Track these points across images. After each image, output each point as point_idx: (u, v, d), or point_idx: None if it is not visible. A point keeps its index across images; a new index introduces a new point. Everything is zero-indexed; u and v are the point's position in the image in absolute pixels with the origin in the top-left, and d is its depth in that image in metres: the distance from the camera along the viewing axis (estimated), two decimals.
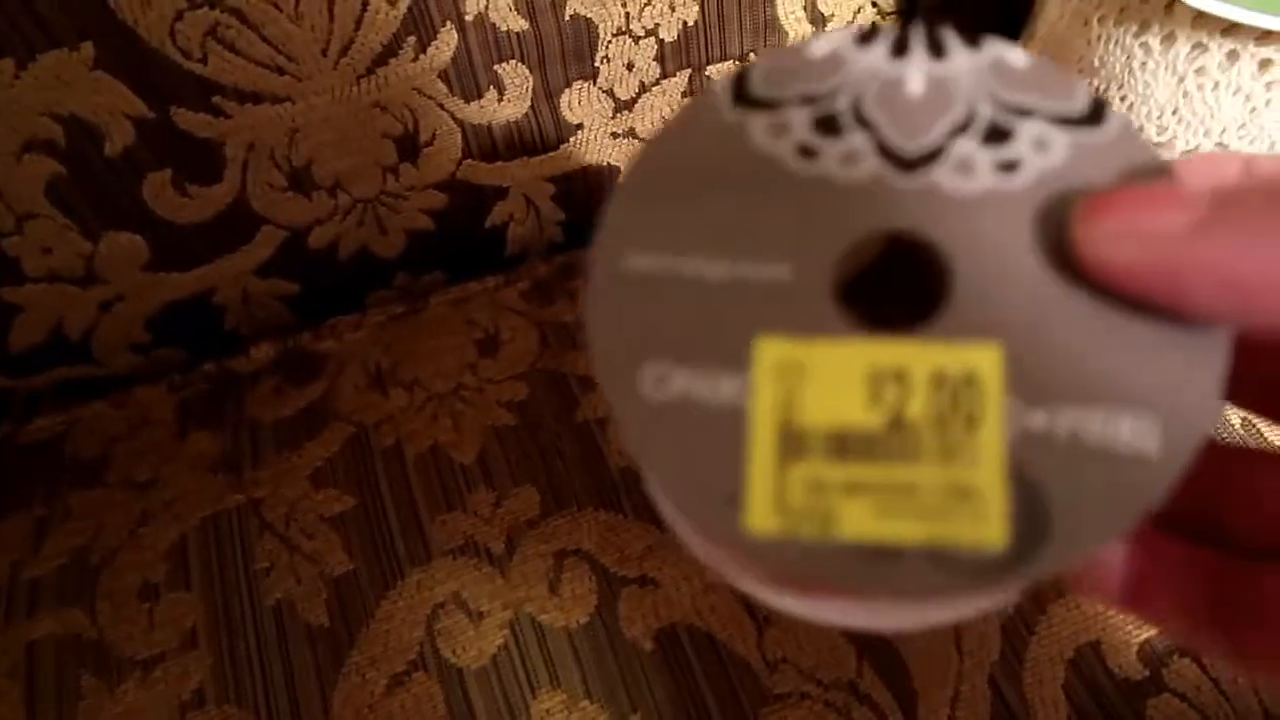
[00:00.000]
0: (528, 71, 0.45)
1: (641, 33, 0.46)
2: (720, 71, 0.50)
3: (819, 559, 0.14)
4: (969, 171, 0.17)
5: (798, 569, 0.14)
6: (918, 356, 0.15)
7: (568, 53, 0.45)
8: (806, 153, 0.17)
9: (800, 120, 0.17)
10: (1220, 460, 0.19)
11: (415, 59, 0.43)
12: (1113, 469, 0.14)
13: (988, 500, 0.14)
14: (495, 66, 0.44)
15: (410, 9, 0.41)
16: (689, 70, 0.49)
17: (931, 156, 0.17)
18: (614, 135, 0.50)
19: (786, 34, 0.50)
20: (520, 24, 0.43)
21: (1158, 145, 0.41)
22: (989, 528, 0.14)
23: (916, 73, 0.17)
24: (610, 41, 0.46)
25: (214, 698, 0.35)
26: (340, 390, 0.44)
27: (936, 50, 0.18)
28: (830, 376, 0.15)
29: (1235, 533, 0.19)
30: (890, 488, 0.15)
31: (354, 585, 0.38)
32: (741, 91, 0.18)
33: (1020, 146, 0.17)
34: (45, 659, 0.37)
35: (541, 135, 0.48)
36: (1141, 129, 0.41)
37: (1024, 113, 0.17)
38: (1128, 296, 0.15)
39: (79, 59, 0.37)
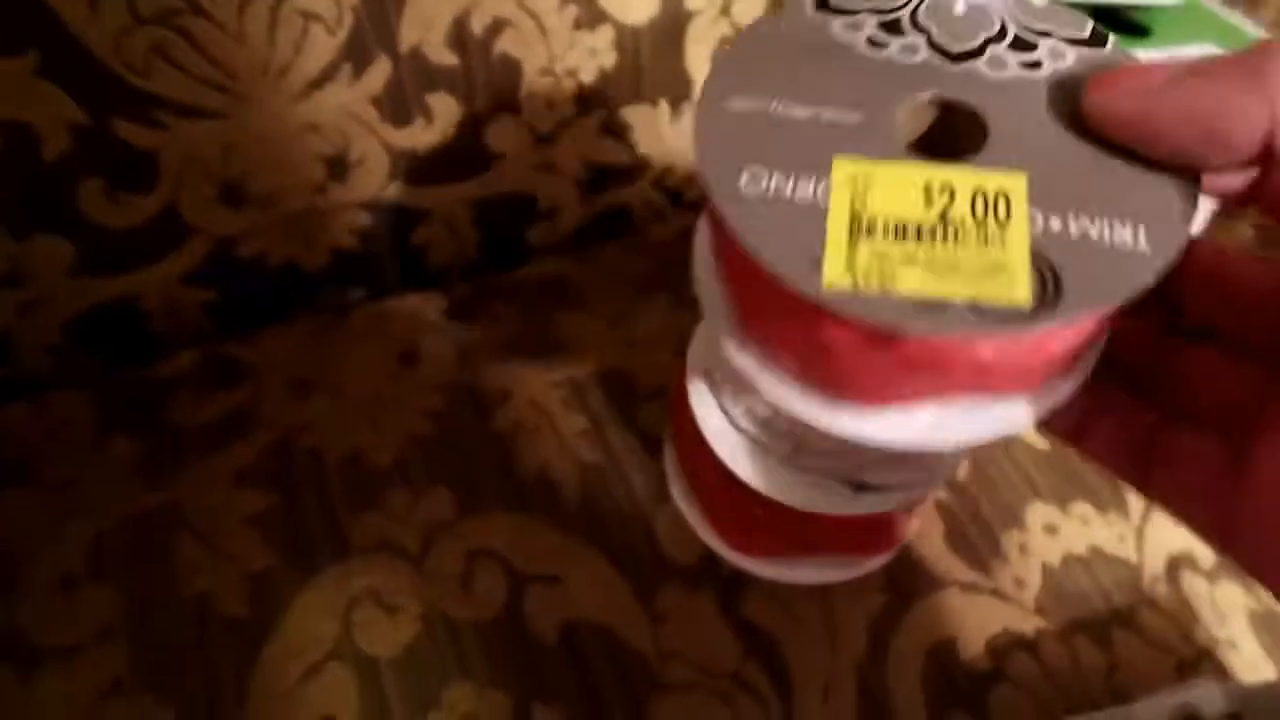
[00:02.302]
0: (455, 102, 0.48)
1: (563, 73, 0.50)
2: (633, 112, 0.54)
3: (879, 307, 0.19)
4: (1001, 65, 0.23)
5: (863, 314, 0.19)
6: (962, 177, 0.21)
7: (494, 87, 0.49)
8: (874, 44, 0.23)
9: (870, 22, 0.24)
10: (1160, 342, 0.26)
11: (350, 85, 0.45)
12: (1112, 259, 0.20)
13: (1016, 272, 0.19)
14: (425, 96, 0.47)
15: (349, 38, 0.44)
16: (604, 111, 0.53)
17: (972, 54, 0.23)
18: (534, 167, 0.53)
19: (693, 82, 0.54)
20: (451, 59, 0.47)
21: None
22: (1018, 290, 0.19)
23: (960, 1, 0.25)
24: (534, 80, 0.49)
25: (132, 687, 0.37)
26: (262, 396, 0.46)
27: None
28: (892, 185, 0.21)
29: (1164, 394, 0.26)
30: (939, 261, 0.20)
31: (272, 580, 0.40)
32: (823, 1, 0.24)
33: (1041, 54, 0.23)
34: None
35: (465, 162, 0.51)
36: None
37: (1043, 34, 0.24)
38: (1123, 142, 0.21)
39: (22, 66, 0.39)
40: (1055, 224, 0.20)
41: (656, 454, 0.45)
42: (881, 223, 0.20)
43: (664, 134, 0.56)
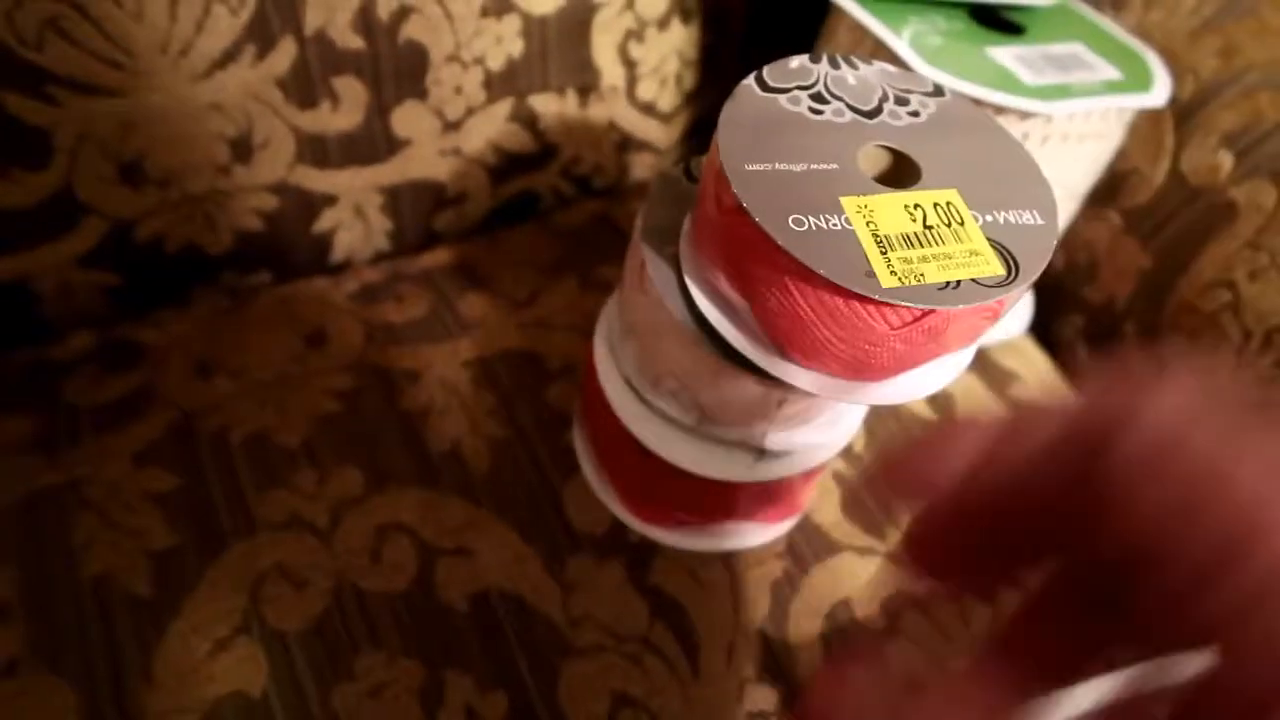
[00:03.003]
0: (362, 87, 0.49)
1: (470, 61, 0.51)
2: (541, 101, 0.55)
3: (921, 296, 0.26)
4: (897, 117, 0.32)
5: (911, 300, 0.26)
6: (921, 196, 0.29)
7: (401, 73, 0.49)
8: (815, 111, 0.32)
9: (802, 96, 0.32)
10: None
11: (254, 66, 0.45)
12: (1031, 234, 0.29)
13: (986, 255, 0.28)
14: (331, 79, 0.48)
15: (252, 19, 0.44)
16: (512, 98, 0.54)
17: (877, 111, 0.32)
18: (441, 153, 0.54)
19: (600, 72, 0.55)
20: (357, 42, 0.47)
21: None
22: (994, 267, 0.28)
23: (849, 74, 0.33)
24: (441, 66, 0.50)
25: (30, 668, 0.36)
26: (163, 377, 0.46)
27: (852, 65, 0.34)
28: (885, 210, 0.29)
29: None
30: (940, 256, 0.28)
31: (177, 558, 0.39)
32: (762, 84, 0.32)
33: (916, 104, 0.33)
34: None
35: (372, 147, 0.51)
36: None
37: (907, 91, 0.34)
38: None
39: None
40: (988, 218, 0.29)
41: (565, 430, 0.46)
42: (894, 237, 0.28)
43: (571, 122, 0.57)
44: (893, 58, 0.44)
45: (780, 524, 0.44)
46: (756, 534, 0.43)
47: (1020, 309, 0.55)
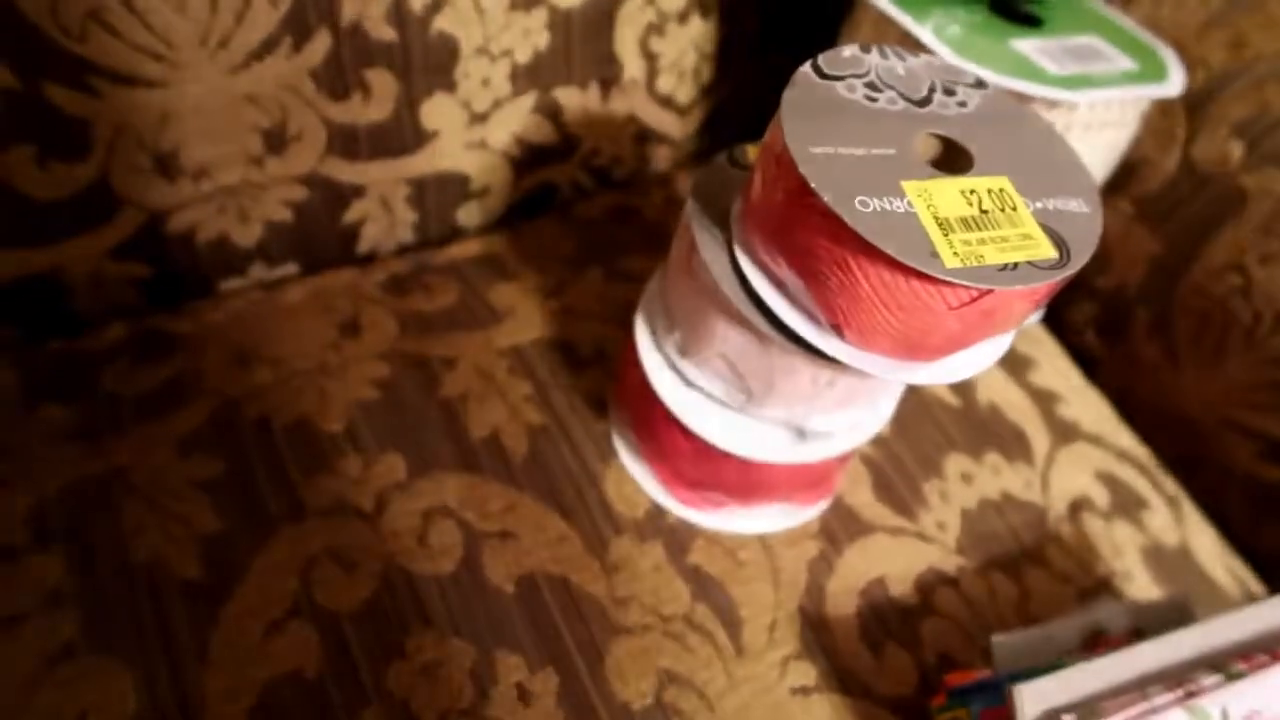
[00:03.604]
0: (393, 78, 0.49)
1: (498, 53, 0.51)
2: (565, 94, 0.56)
3: (980, 275, 0.28)
4: (946, 106, 0.34)
5: (973, 280, 0.28)
6: (976, 182, 0.31)
7: (431, 65, 0.50)
8: (870, 99, 0.33)
9: (858, 85, 0.34)
10: None
11: (289, 58, 0.45)
12: (1078, 220, 0.31)
13: (1039, 239, 0.30)
14: (363, 71, 0.48)
15: (290, 10, 0.44)
16: (537, 91, 0.55)
17: (927, 100, 0.34)
18: (467, 145, 0.54)
19: (622, 65, 0.56)
20: (390, 34, 0.47)
21: None
22: (1047, 250, 0.29)
23: (898, 65, 0.35)
24: (470, 59, 0.51)
25: (84, 649, 0.36)
26: (202, 366, 0.46)
27: (900, 56, 0.36)
28: (943, 194, 0.30)
29: None
30: (997, 239, 0.29)
31: (227, 543, 0.40)
32: (819, 71, 0.33)
33: (962, 95, 0.35)
34: None
35: (401, 139, 0.52)
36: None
37: (954, 82, 0.35)
38: None
39: None
40: (1038, 204, 0.31)
41: (600, 416, 0.47)
42: (953, 220, 0.29)
43: (593, 115, 0.58)
44: (919, 50, 0.45)
45: (815, 506, 0.45)
46: (793, 515, 0.44)
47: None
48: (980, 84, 0.36)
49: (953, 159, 0.34)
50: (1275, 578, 0.53)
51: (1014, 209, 0.31)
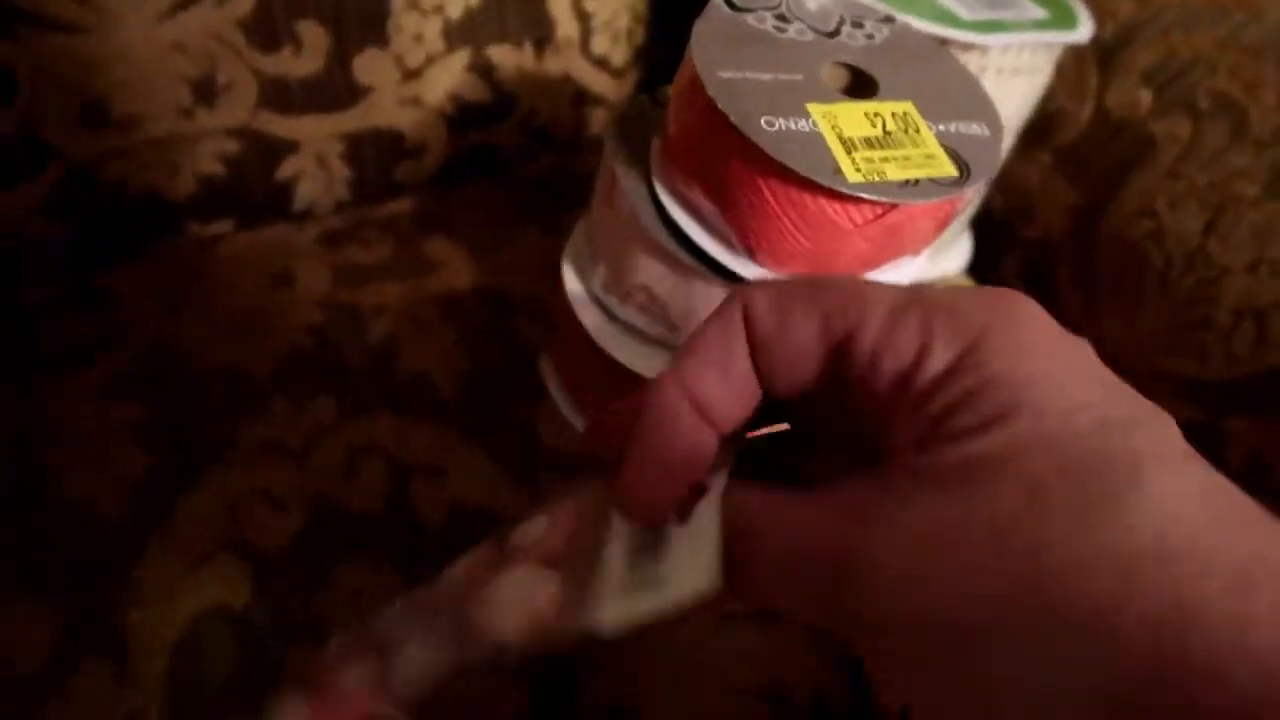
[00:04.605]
0: (323, 31, 0.49)
1: (430, 9, 0.52)
2: (498, 52, 0.56)
3: (885, 191, 0.29)
4: (854, 38, 0.36)
5: (874, 195, 0.29)
6: (880, 106, 0.32)
7: (362, 18, 0.50)
8: (779, 30, 0.35)
9: (768, 16, 0.35)
10: None
11: (217, 7, 0.46)
12: (979, 144, 0.32)
13: (942, 159, 0.31)
14: (294, 23, 0.48)
15: None
16: (470, 48, 0.55)
17: (835, 33, 0.35)
18: (401, 101, 0.55)
19: (556, 24, 0.57)
20: None
21: None
22: (948, 168, 0.31)
23: (809, 0, 0.37)
24: (402, 13, 0.51)
25: (3, 589, 0.36)
26: (129, 316, 0.46)
27: None
28: (848, 117, 0.31)
29: None
30: (900, 158, 0.31)
31: (152, 483, 0.40)
32: (730, 4, 0.35)
33: (870, 29, 0.36)
34: None
35: (334, 94, 0.52)
36: None
37: (862, 17, 0.37)
38: None
39: None
40: (940, 127, 0.32)
41: (533, 360, 0.47)
42: (857, 139, 0.31)
43: (528, 75, 0.58)
44: None
45: None
46: None
47: (959, 248, 0.58)
48: (889, 19, 0.37)
49: (859, 87, 0.35)
50: None
51: (917, 131, 0.32)
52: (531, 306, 0.50)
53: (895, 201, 0.30)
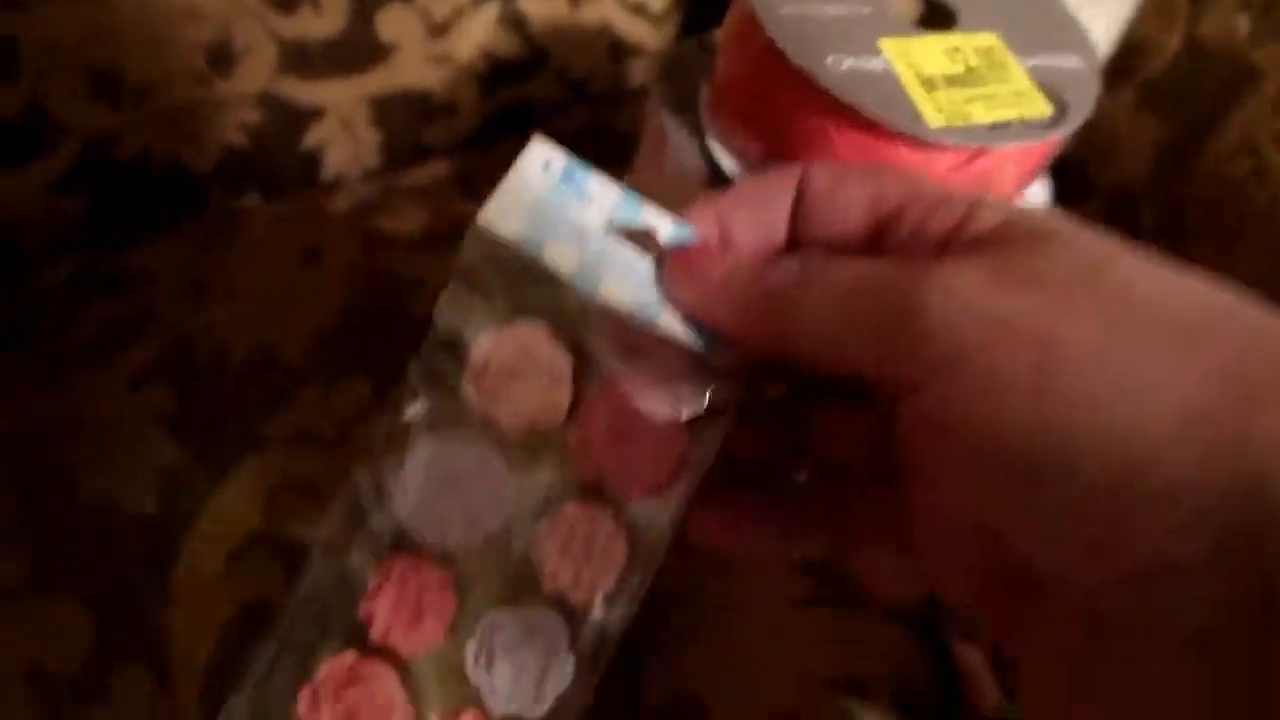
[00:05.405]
0: None
1: None
2: (531, 3, 0.53)
3: (969, 133, 0.26)
4: None
5: (961, 140, 0.26)
6: (961, 40, 0.29)
7: None
8: None
9: None
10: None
11: None
12: (1074, 77, 0.28)
13: (1034, 96, 0.27)
14: None
15: None
16: (500, 0, 0.52)
17: None
18: (429, 59, 0.51)
19: None
20: None
21: None
22: (1042, 107, 0.27)
23: None
24: None
25: (37, 590, 0.34)
26: (154, 301, 0.44)
27: None
28: (925, 53, 0.28)
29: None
30: (986, 96, 0.27)
31: (183, 476, 0.38)
32: None
33: None
34: None
35: (357, 54, 0.49)
36: None
37: None
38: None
39: None
40: (1030, 62, 0.28)
41: None
42: (937, 79, 0.27)
43: (561, 26, 0.55)
44: None
45: None
46: None
47: (1037, 194, 0.54)
48: None
49: (935, 19, 0.31)
50: None
51: (1004, 65, 0.28)
52: None
53: (985, 146, 0.26)
